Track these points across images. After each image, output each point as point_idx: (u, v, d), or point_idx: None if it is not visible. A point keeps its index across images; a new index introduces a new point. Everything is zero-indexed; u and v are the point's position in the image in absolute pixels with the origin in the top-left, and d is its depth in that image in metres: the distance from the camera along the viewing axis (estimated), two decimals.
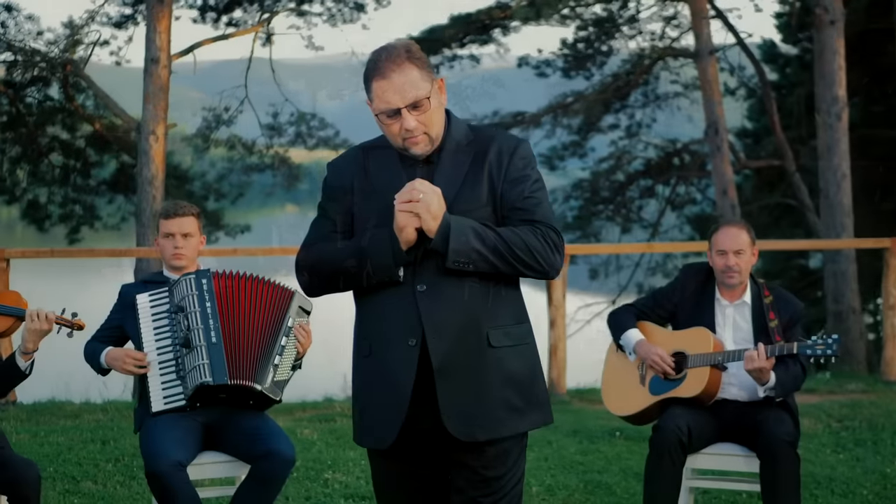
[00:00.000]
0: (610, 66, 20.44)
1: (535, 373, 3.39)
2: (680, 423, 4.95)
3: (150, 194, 13.53)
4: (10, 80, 16.50)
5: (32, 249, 10.17)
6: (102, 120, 16.53)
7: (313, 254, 3.35)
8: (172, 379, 4.86)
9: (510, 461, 3.34)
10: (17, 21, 16.22)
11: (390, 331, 3.27)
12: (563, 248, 3.30)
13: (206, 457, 4.87)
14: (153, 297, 4.98)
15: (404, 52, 3.23)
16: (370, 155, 3.41)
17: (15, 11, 16.18)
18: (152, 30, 13.58)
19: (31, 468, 4.39)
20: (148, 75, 13.64)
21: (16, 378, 4.50)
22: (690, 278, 5.40)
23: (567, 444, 7.61)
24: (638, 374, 5.34)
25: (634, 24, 19.89)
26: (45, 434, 8.03)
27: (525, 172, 3.32)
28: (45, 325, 4.40)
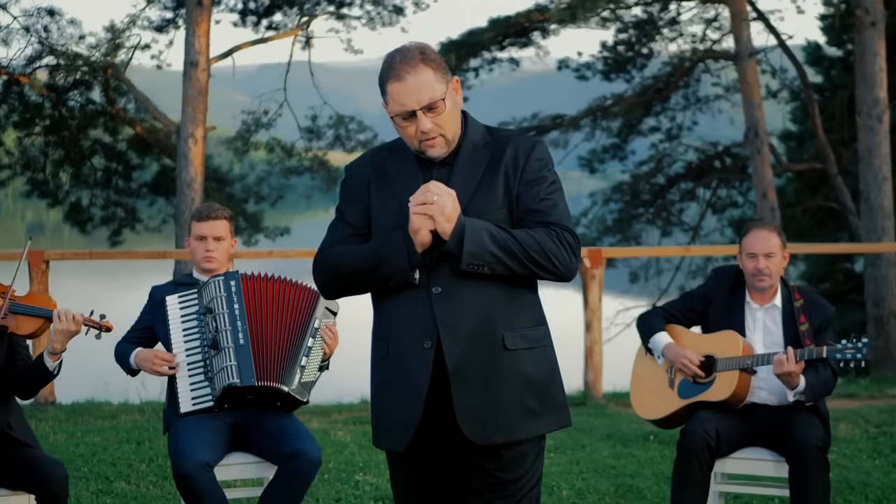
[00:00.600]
0: (650, 68, 20.37)
1: (551, 375, 3.37)
2: (708, 427, 4.92)
3: (189, 197, 13.63)
4: (52, 84, 16.69)
5: (71, 251, 10.25)
6: (143, 123, 16.68)
7: (330, 256, 3.35)
8: (201, 380, 4.89)
9: (527, 464, 3.32)
10: (59, 25, 16.42)
11: (406, 333, 3.27)
12: (578, 250, 3.27)
13: (233, 458, 4.90)
14: (183, 298, 5.01)
15: (418, 53, 3.21)
16: (387, 157, 3.41)
17: (58, 16, 16.37)
18: (191, 33, 13.68)
19: (59, 468, 4.42)
20: (187, 79, 13.75)
21: (44, 378, 4.53)
22: (720, 281, 5.36)
23: (600, 447, 7.58)
24: (667, 378, 5.30)
25: (675, 26, 19.79)
26: (81, 434, 8.10)
27: (541, 174, 3.30)
28: (72, 326, 4.43)
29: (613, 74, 20.22)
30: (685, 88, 20.44)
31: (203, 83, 13.73)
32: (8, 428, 4.54)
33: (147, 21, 17.04)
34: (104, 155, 17.96)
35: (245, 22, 17.82)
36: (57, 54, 16.11)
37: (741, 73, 15.78)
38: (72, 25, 16.54)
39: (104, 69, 15.87)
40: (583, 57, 20.36)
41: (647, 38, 19.90)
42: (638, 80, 20.19)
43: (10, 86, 16.69)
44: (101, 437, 7.94)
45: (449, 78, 3.26)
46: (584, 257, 10.11)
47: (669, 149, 20.82)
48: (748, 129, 15.92)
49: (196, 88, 13.67)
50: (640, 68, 20.30)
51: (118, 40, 16.29)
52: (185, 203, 13.64)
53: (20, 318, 4.52)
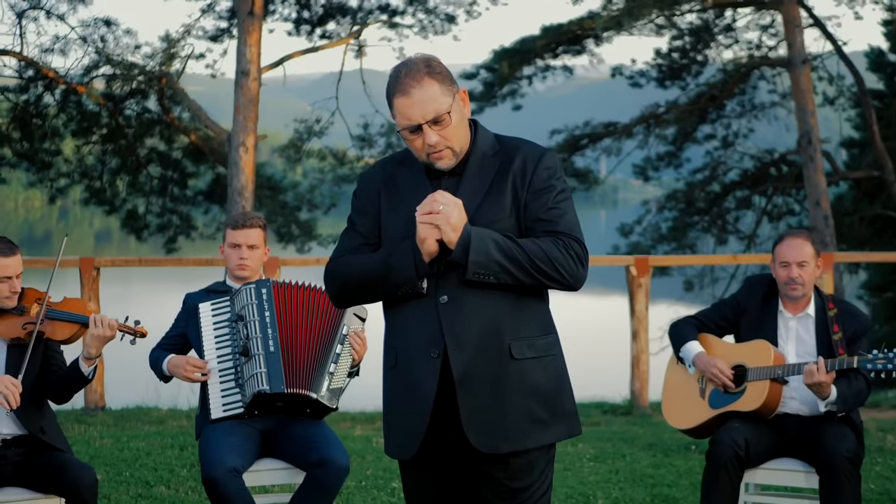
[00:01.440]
0: (705, 75, 20.23)
1: (560, 385, 3.36)
2: (737, 437, 4.88)
3: (240, 205, 13.75)
4: (109, 94, 16.90)
5: (122, 259, 10.42)
6: (198, 132, 16.85)
7: (341, 266, 3.37)
8: (232, 387, 4.95)
9: (536, 472, 3.32)
10: (115, 36, 16.63)
11: (414, 342, 3.28)
12: (586, 260, 3.26)
13: (263, 464, 4.94)
14: (215, 305, 5.07)
15: (424, 67, 3.22)
16: (397, 167, 3.42)
17: (114, 26, 16.59)
18: (243, 43, 13.81)
19: (88, 472, 4.48)
20: (238, 87, 13.88)
21: (79, 383, 4.61)
22: (753, 290, 5.32)
23: (640, 457, 7.55)
24: (698, 387, 5.27)
25: (730, 32, 19.65)
26: (127, 439, 8.21)
27: (549, 183, 3.29)
28: (107, 331, 4.50)
29: (668, 82, 20.11)
30: (741, 95, 20.29)
31: (254, 92, 13.85)
32: (41, 432, 4.62)
33: (202, 31, 17.23)
34: (160, 163, 18.16)
35: (299, 31, 17.95)
36: (113, 64, 16.32)
37: (794, 80, 15.65)
38: (128, 35, 16.77)
39: (159, 78, 16.06)
40: (637, 64, 20.19)
41: (703, 45, 19.77)
42: (693, 88, 20.07)
43: (69, 95, 16.93)
44: (146, 441, 8.04)
45: (455, 90, 3.27)
46: (631, 266, 10.09)
47: (724, 156, 20.66)
48: (801, 137, 15.77)
49: (247, 97, 13.79)
50: (695, 75, 20.17)
51: (173, 50, 16.47)
52: (236, 211, 13.74)
53: (56, 324, 4.60)
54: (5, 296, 4.55)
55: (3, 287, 4.54)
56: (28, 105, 17.01)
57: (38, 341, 4.62)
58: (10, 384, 4.30)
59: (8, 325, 4.58)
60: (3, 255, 4.53)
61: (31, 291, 4.70)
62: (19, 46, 16.11)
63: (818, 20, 17.73)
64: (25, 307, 4.62)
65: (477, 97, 19.57)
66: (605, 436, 8.44)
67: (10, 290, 4.55)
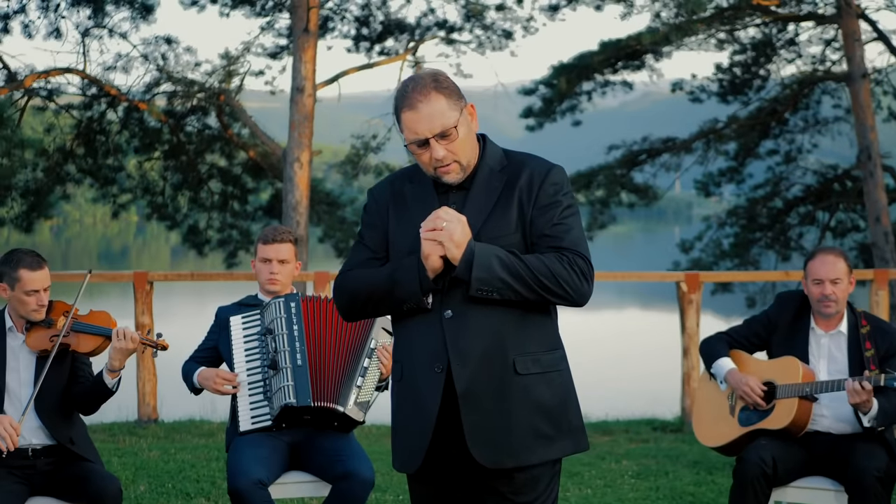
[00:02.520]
0: (767, 90, 20.03)
1: (566, 400, 3.34)
2: (764, 454, 4.83)
3: (294, 220, 13.87)
4: (170, 111, 17.15)
5: (174, 273, 10.57)
6: (256, 147, 17.02)
7: (349, 280, 3.39)
8: (260, 399, 4.99)
9: (540, 487, 3.31)
10: (176, 53, 16.88)
11: (418, 356, 3.30)
12: (591, 275, 3.25)
13: (290, 476, 4.98)
14: (246, 319, 5.13)
15: (431, 81, 3.24)
16: (406, 182, 3.44)
17: (174, 44, 16.84)
18: (298, 59, 13.95)
19: (112, 483, 4.56)
20: (293, 103, 14.02)
21: (104, 395, 4.68)
22: (784, 307, 5.26)
23: (683, 474, 7.48)
24: (728, 404, 5.23)
25: (793, 47, 19.45)
26: (175, 451, 8.31)
27: (556, 199, 3.29)
28: (129, 344, 4.57)
29: (730, 96, 19.94)
30: (804, 110, 20.05)
31: (309, 108, 13.98)
32: (70, 443, 4.70)
33: (261, 48, 17.40)
34: (220, 179, 18.35)
35: (358, 48, 18.08)
36: (174, 81, 16.56)
37: (853, 95, 15.47)
38: (188, 53, 17.03)
39: (217, 95, 16.25)
40: (697, 79, 20.06)
41: (765, 60, 19.59)
42: (755, 102, 19.88)
43: (131, 112, 17.19)
44: (193, 454, 8.13)
45: (463, 104, 3.28)
46: (681, 282, 10.01)
47: (787, 172, 20.42)
48: (861, 152, 15.59)
49: (302, 113, 13.92)
50: (756, 90, 19.98)
51: (232, 67, 16.66)
52: (291, 226, 13.86)
53: (82, 337, 4.69)
54: (32, 308, 4.65)
55: (30, 300, 4.63)
56: (92, 122, 17.31)
57: (64, 353, 4.71)
58: (8, 426, 4.38)
59: (36, 338, 4.68)
60: (30, 269, 4.62)
61: (60, 304, 4.80)
62: (82, 64, 16.41)
63: (882, 34, 17.48)
64: (53, 320, 4.71)
65: (536, 113, 19.56)
66: (650, 453, 8.37)
67: (38, 304, 4.64)
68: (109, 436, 9.24)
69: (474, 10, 17.22)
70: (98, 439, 9.05)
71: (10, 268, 4.63)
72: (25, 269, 4.61)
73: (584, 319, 27.93)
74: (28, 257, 4.66)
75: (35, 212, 17.42)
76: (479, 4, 17.24)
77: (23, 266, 4.62)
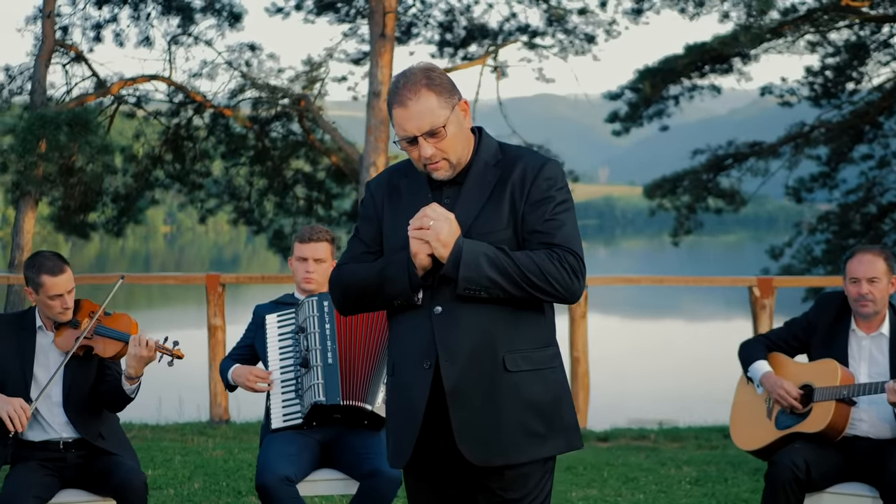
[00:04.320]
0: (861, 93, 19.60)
1: (558, 398, 3.29)
2: (797, 458, 4.71)
3: None
4: (255, 117, 17.36)
5: (245, 276, 10.72)
6: (339, 153, 17.14)
7: (343, 274, 3.38)
8: (292, 397, 5.02)
9: (531, 483, 3.27)
10: (259, 60, 17.10)
11: (408, 352, 3.28)
12: (582, 273, 3.19)
13: (320, 474, 5.00)
14: (281, 317, 5.16)
15: (423, 78, 3.21)
16: (402, 176, 3.42)
17: (258, 51, 17.07)
18: (374, 64, 14.02)
19: (137, 476, 4.62)
20: (370, 108, 14.09)
21: (123, 400, 4.74)
22: (825, 308, 5.14)
23: (742, 481, 7.36)
24: (765, 408, 5.11)
25: (888, 49, 19.00)
26: (238, 451, 8.41)
27: (548, 194, 3.24)
28: (145, 351, 4.59)
29: (823, 100, 19.55)
30: None
31: (385, 113, 14.02)
32: (99, 437, 4.78)
33: (344, 54, 17.55)
34: (305, 184, 18.50)
35: (442, 53, 18.12)
36: (258, 87, 16.76)
37: None
38: (271, 59, 17.25)
39: (298, 101, 16.41)
40: (787, 83, 19.71)
41: (858, 63, 19.17)
42: (847, 106, 19.46)
43: (217, 118, 17.43)
44: (253, 454, 8.21)
45: (455, 101, 3.24)
46: (754, 286, 9.85)
47: (880, 176, 19.95)
48: None
49: (378, 118, 13.99)
50: (850, 93, 19.57)
51: (314, 73, 16.82)
52: None
53: (103, 340, 4.75)
54: (58, 311, 4.72)
55: (54, 304, 4.70)
56: (179, 128, 17.60)
57: (88, 356, 4.78)
58: (19, 407, 4.45)
59: (63, 338, 4.76)
60: (51, 275, 4.67)
61: (87, 304, 4.86)
62: (168, 71, 16.71)
63: None
64: (79, 321, 4.78)
65: (622, 118, 19.41)
66: (714, 459, 8.24)
67: (62, 307, 4.71)
68: (180, 435, 9.38)
69: (556, 15, 17.14)
70: (167, 438, 9.21)
71: (33, 273, 4.70)
72: (47, 274, 4.67)
73: (660, 325, 27.66)
74: (49, 262, 4.70)
75: (125, 216, 17.75)
76: (561, 9, 17.17)
77: (44, 272, 4.68)
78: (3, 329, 4.82)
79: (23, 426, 4.41)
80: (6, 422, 4.39)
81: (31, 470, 4.64)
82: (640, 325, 27.83)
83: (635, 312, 30.45)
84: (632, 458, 8.41)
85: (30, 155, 13.35)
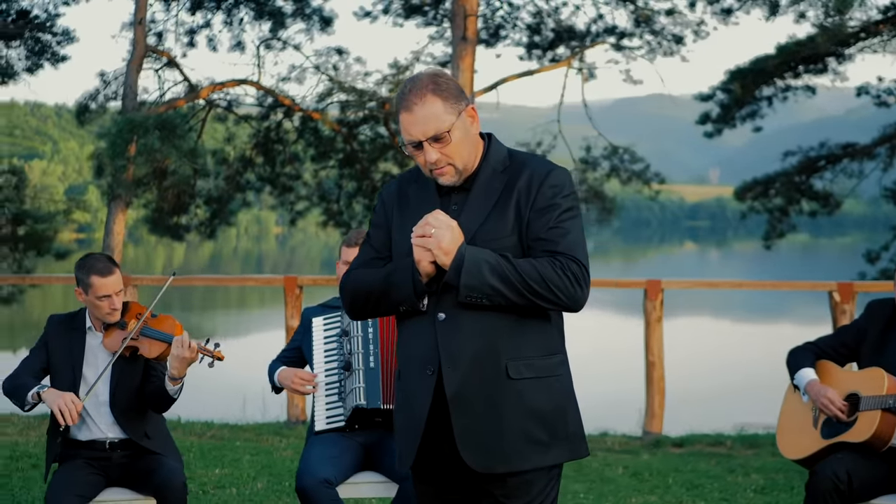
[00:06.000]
0: None
1: (563, 406, 3.27)
2: (838, 469, 4.61)
3: None
4: (343, 120, 17.53)
5: (323, 278, 10.80)
6: None
7: (352, 279, 3.41)
8: (335, 400, 5.07)
9: (534, 491, 3.25)
10: (346, 63, 17.26)
11: (413, 358, 3.29)
12: (586, 281, 3.17)
13: (362, 476, 5.03)
14: (327, 320, 5.21)
15: (430, 83, 3.21)
16: (412, 182, 3.44)
17: (345, 54, 17.23)
18: (456, 67, 14.05)
19: (177, 476, 4.70)
20: None
21: (167, 401, 4.82)
22: (875, 315, 5.02)
23: None
24: (812, 416, 5.02)
25: None
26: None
27: (554, 201, 3.22)
28: (187, 353, 4.66)
29: None
30: None
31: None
32: (145, 437, 4.88)
33: (430, 57, 17.61)
34: None
35: (530, 55, 18.10)
36: (345, 91, 16.92)
37: None
38: (358, 63, 17.39)
39: (385, 104, 16.52)
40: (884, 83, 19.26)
41: None
42: None
43: (306, 122, 17.63)
44: None
45: (462, 107, 3.24)
46: (834, 291, 9.67)
47: None
48: None
49: None
50: None
51: (400, 76, 16.92)
52: None
53: (148, 342, 4.84)
54: (106, 312, 4.83)
55: (103, 304, 4.81)
56: (269, 131, 17.84)
57: (134, 356, 4.89)
58: (70, 401, 4.54)
59: (111, 339, 4.87)
60: (100, 276, 4.78)
61: (135, 306, 4.97)
62: (257, 76, 16.96)
63: None
64: (126, 322, 4.89)
65: (714, 119, 19.17)
66: (783, 467, 8.10)
67: (110, 307, 4.82)
68: (255, 435, 9.50)
69: (643, 16, 17.00)
70: (242, 438, 9.34)
71: (83, 273, 4.82)
72: (96, 275, 4.78)
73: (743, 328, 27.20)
74: (99, 263, 4.82)
75: (217, 219, 18.05)
76: (649, 9, 17.02)
77: (94, 273, 4.79)
78: (55, 329, 4.95)
79: (74, 420, 4.51)
80: (57, 415, 4.51)
81: (76, 468, 4.76)
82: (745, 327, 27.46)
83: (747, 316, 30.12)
84: (701, 465, 8.32)
85: (119, 158, 13.65)
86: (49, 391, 4.58)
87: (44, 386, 4.60)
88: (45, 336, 4.94)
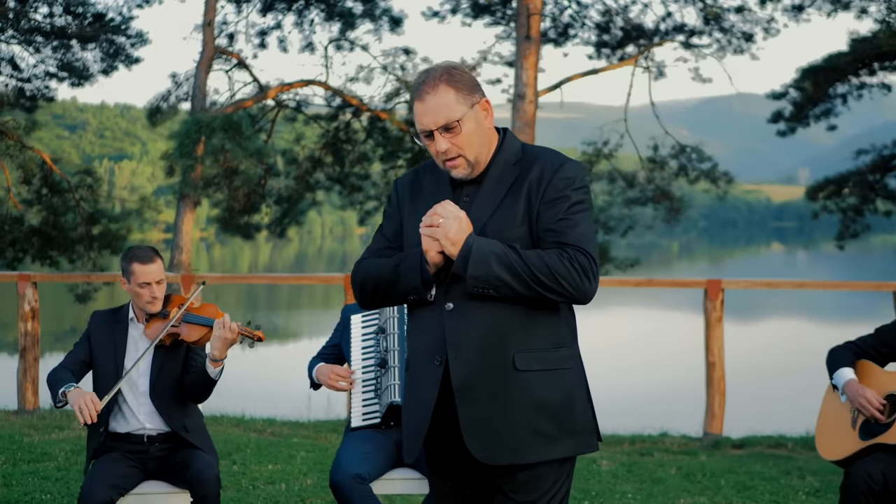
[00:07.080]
0: None
1: (572, 399, 3.26)
2: (872, 470, 4.54)
3: None
4: (410, 119, 17.60)
5: None
6: None
7: (362, 268, 3.43)
8: (371, 397, 5.10)
9: (544, 487, 3.24)
10: (413, 63, 17.33)
11: (421, 348, 3.30)
12: (594, 273, 3.16)
13: (396, 473, 5.05)
14: (365, 317, 5.25)
15: (444, 73, 3.23)
16: (427, 173, 3.45)
17: (412, 54, 17.31)
18: (519, 66, 14.05)
19: (211, 469, 4.77)
20: (515, 110, 14.13)
21: (208, 385, 4.90)
22: None
23: None
24: (850, 417, 4.95)
25: None
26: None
27: (564, 193, 3.21)
28: (228, 333, 4.76)
29: None
30: None
31: (530, 115, 14.04)
32: (185, 430, 4.96)
33: (498, 56, 17.63)
34: None
35: (599, 54, 18.03)
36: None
37: None
38: (425, 63, 17.42)
39: None
40: None
41: None
42: None
43: (374, 122, 17.74)
44: None
45: (476, 99, 3.25)
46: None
47: None
48: None
49: (523, 120, 14.01)
50: None
51: None
52: None
53: (189, 326, 4.94)
54: (147, 301, 4.93)
55: (143, 292, 4.91)
56: (338, 131, 17.98)
57: (179, 344, 4.98)
58: (90, 401, 4.62)
59: (153, 329, 4.97)
60: (142, 263, 4.90)
61: (177, 298, 5.08)
62: (325, 76, 17.10)
63: None
64: (168, 311, 4.99)
65: (787, 117, 18.94)
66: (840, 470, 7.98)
67: (151, 296, 4.92)
68: (314, 433, 9.57)
69: (712, 13, 16.84)
70: (300, 435, 9.42)
71: (126, 262, 4.94)
72: (138, 262, 4.90)
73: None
74: (141, 252, 4.95)
75: (287, 218, 18.23)
76: (718, 7, 16.85)
77: (136, 260, 4.91)
78: (99, 323, 5.06)
79: (92, 419, 4.59)
80: (77, 414, 4.60)
81: (113, 461, 4.85)
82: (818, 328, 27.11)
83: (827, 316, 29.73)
84: (757, 467, 8.22)
85: (187, 158, 13.86)
86: (73, 390, 4.66)
87: (70, 385, 4.69)
88: (88, 331, 5.06)
